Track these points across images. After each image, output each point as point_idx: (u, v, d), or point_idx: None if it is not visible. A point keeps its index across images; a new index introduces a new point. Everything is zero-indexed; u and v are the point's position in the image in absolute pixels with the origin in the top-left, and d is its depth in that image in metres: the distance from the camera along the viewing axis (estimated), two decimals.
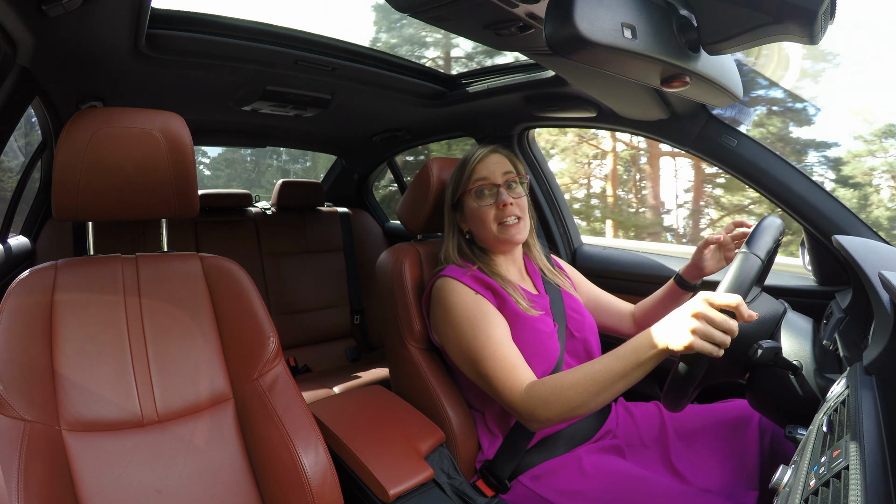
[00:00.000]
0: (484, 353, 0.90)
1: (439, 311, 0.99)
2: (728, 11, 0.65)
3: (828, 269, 1.11)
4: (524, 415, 0.85)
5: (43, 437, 0.73)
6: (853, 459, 0.41)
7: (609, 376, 0.76)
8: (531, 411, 0.83)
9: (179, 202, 0.92)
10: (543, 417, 0.82)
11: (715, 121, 1.18)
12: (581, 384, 0.79)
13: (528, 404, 0.83)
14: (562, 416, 0.81)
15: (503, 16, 0.80)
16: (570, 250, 1.67)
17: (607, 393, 0.77)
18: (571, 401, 0.79)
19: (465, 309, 0.95)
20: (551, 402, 0.81)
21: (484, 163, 1.03)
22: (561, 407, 0.80)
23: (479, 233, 1.04)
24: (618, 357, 0.76)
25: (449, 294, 0.97)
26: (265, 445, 0.85)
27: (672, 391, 0.75)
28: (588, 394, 0.78)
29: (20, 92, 1.05)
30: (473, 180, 1.02)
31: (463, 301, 0.96)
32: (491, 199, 1.01)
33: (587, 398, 0.78)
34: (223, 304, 0.95)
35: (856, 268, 0.75)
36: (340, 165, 2.50)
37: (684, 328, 0.68)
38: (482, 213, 1.01)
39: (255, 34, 1.16)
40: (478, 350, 0.91)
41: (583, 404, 0.79)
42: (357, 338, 2.30)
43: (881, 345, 0.58)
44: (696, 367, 0.70)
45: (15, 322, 0.78)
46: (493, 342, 0.90)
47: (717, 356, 0.68)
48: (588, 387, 0.78)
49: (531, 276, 1.11)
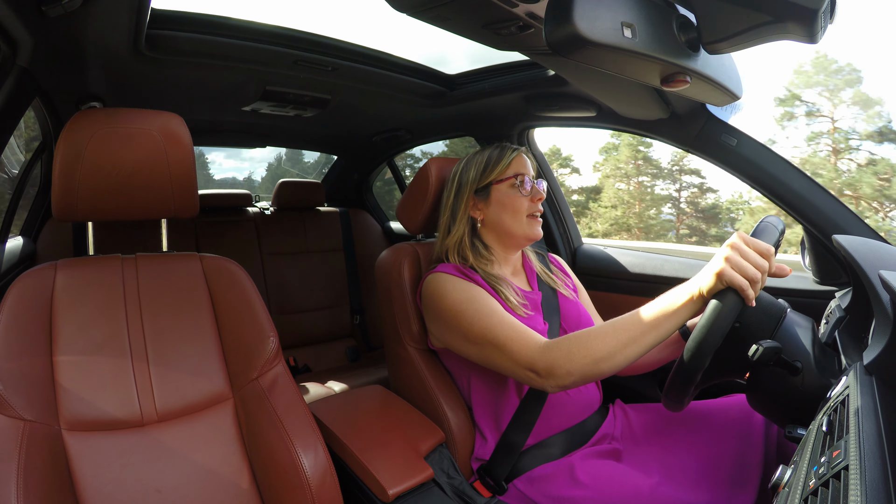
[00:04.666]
0: (489, 322, 0.88)
1: (434, 304, 0.98)
2: (728, 11, 0.64)
3: (828, 268, 1.11)
4: (542, 370, 0.79)
5: (42, 437, 0.74)
6: (853, 459, 0.41)
7: (639, 326, 0.74)
8: (550, 366, 0.78)
9: (179, 202, 0.92)
10: (563, 371, 0.77)
11: (715, 120, 1.18)
12: (609, 334, 0.75)
13: (548, 358, 0.79)
14: (585, 369, 0.76)
15: (503, 15, 0.80)
16: (570, 250, 1.66)
17: (636, 345, 0.74)
18: (597, 351, 0.75)
19: (459, 291, 0.95)
20: (574, 353, 0.77)
21: (521, 158, 1.06)
22: (584, 358, 0.76)
23: (504, 222, 1.03)
24: (648, 308, 0.75)
25: (441, 284, 0.98)
26: (265, 445, 0.85)
27: (672, 390, 0.75)
28: (616, 344, 0.74)
29: (20, 92, 1.05)
30: (514, 170, 1.03)
31: (455, 286, 0.96)
32: (527, 191, 1.03)
33: (614, 349, 0.74)
34: (223, 304, 0.95)
35: (856, 267, 0.75)
36: (340, 165, 2.50)
37: (717, 259, 0.70)
38: (519, 203, 1.02)
39: (255, 34, 1.16)
40: (481, 323, 0.89)
41: (609, 356, 0.75)
42: (357, 338, 2.30)
43: (881, 345, 0.58)
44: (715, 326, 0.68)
45: (15, 322, 0.78)
46: (497, 313, 0.90)
47: (746, 296, 0.68)
48: (616, 336, 0.75)
49: (527, 272, 1.11)
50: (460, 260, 1.04)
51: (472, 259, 1.03)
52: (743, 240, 0.71)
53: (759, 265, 0.69)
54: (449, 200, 1.08)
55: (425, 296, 1.01)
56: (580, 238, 1.69)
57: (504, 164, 1.04)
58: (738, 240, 0.71)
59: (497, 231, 1.05)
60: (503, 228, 1.04)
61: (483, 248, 1.06)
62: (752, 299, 0.69)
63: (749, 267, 0.68)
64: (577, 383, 0.79)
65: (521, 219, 1.02)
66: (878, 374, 0.57)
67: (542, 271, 1.12)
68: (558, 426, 0.97)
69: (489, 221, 1.05)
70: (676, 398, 0.75)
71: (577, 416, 0.99)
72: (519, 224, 1.03)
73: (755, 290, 0.69)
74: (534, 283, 1.09)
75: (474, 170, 1.06)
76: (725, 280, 0.69)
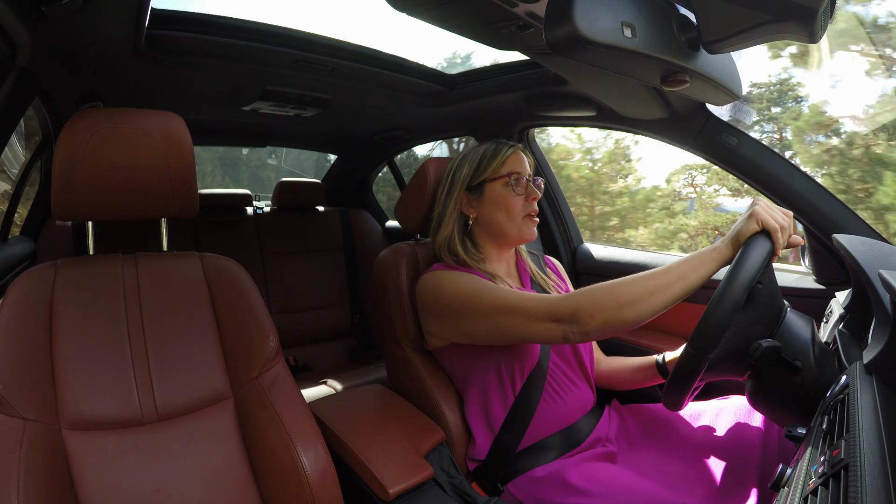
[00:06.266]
0: (496, 293, 0.89)
1: (431, 299, 0.98)
2: (728, 10, 0.64)
3: (828, 268, 1.11)
4: (566, 315, 0.79)
5: (43, 436, 0.74)
6: (853, 459, 0.41)
7: (666, 276, 0.76)
8: (574, 309, 0.78)
9: (179, 202, 0.92)
10: (588, 314, 0.77)
11: (715, 119, 1.18)
12: (635, 282, 0.76)
13: (571, 302, 0.79)
14: (610, 313, 0.76)
15: (503, 15, 0.80)
16: (570, 250, 1.66)
17: (663, 295, 0.75)
18: (623, 296, 0.75)
19: (457, 278, 0.95)
20: (599, 297, 0.77)
21: (517, 156, 1.04)
22: (610, 302, 0.76)
23: (498, 221, 1.02)
24: (677, 261, 0.78)
25: (436, 279, 0.98)
26: (265, 444, 0.85)
27: (672, 389, 0.74)
28: (642, 291, 0.75)
29: (20, 92, 1.05)
30: (509, 168, 1.02)
31: (451, 277, 0.96)
32: (522, 190, 1.02)
33: (640, 295, 0.75)
34: (223, 303, 0.95)
35: (856, 267, 0.75)
36: (340, 165, 2.50)
37: (748, 210, 0.76)
38: (513, 202, 1.01)
39: (254, 34, 1.16)
40: (488, 295, 0.89)
41: (634, 301, 0.75)
42: (357, 337, 2.30)
43: (881, 344, 0.58)
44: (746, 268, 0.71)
45: (15, 321, 0.78)
46: (500, 287, 0.91)
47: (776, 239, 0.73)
48: (643, 284, 0.76)
49: (520, 273, 1.11)
50: (452, 258, 1.03)
51: (464, 255, 1.02)
52: (765, 201, 0.77)
53: (785, 217, 0.75)
54: (442, 196, 1.07)
55: (421, 295, 1.01)
56: (580, 238, 1.69)
57: (498, 161, 1.03)
58: (762, 199, 0.77)
59: (490, 230, 1.04)
60: (496, 227, 1.03)
61: (472, 245, 1.05)
62: (781, 247, 0.74)
63: (778, 214, 0.74)
64: (600, 329, 0.78)
65: (515, 218, 1.01)
66: (878, 373, 0.57)
67: (535, 272, 1.12)
68: (552, 427, 0.97)
69: (482, 220, 1.04)
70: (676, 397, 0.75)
71: (571, 416, 0.99)
72: (513, 224, 1.02)
73: (783, 238, 0.74)
74: (527, 283, 1.09)
75: (468, 167, 1.05)
76: (760, 219, 0.74)
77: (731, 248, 0.77)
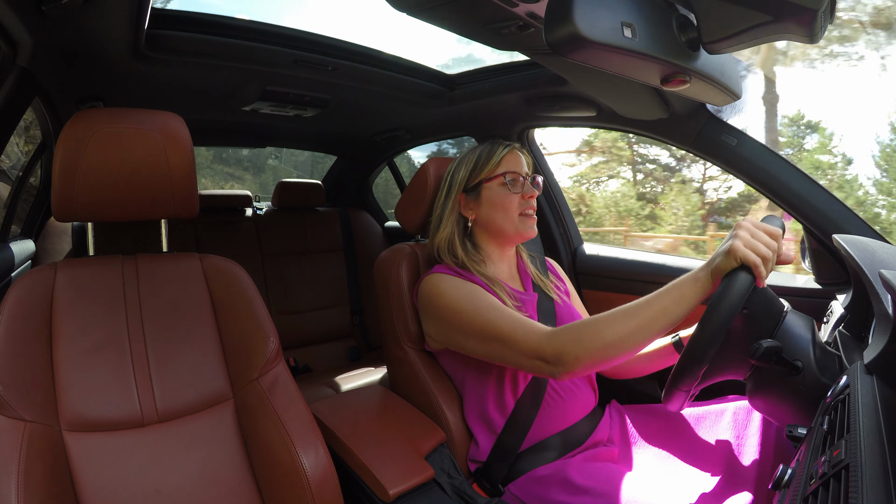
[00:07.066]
0: (491, 316, 0.88)
1: (432, 304, 0.98)
2: (728, 10, 0.64)
3: (828, 268, 1.11)
4: (551, 356, 0.79)
5: (43, 437, 0.73)
6: (853, 459, 0.41)
7: (648, 311, 0.74)
8: (559, 352, 0.78)
9: (179, 202, 0.92)
10: (573, 356, 0.77)
11: (715, 120, 1.18)
12: (618, 319, 0.75)
13: (556, 343, 0.78)
14: (595, 354, 0.76)
15: (503, 15, 0.80)
16: (571, 251, 1.66)
17: (646, 332, 0.74)
18: (606, 336, 0.75)
19: (457, 289, 0.95)
20: (584, 337, 0.76)
21: (514, 155, 1.04)
22: (595, 342, 0.75)
23: (495, 221, 1.03)
24: (658, 292, 0.75)
25: (438, 284, 0.97)
26: (265, 445, 0.85)
27: (673, 388, 0.74)
28: (626, 329, 0.74)
29: (20, 92, 1.05)
30: (504, 168, 1.03)
31: (452, 285, 0.96)
32: (518, 189, 1.02)
33: (625, 334, 0.74)
34: (223, 304, 0.95)
35: (856, 267, 0.75)
36: (340, 165, 2.50)
37: (728, 239, 0.71)
38: (509, 201, 1.01)
39: (254, 34, 1.16)
40: (483, 317, 0.89)
41: (620, 341, 0.74)
42: (357, 337, 2.30)
43: (881, 344, 0.58)
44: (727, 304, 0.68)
45: (15, 322, 0.78)
46: (497, 307, 0.90)
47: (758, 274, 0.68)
48: (626, 321, 0.75)
49: (521, 275, 1.11)
50: (452, 259, 1.03)
51: (464, 257, 1.02)
52: (751, 223, 0.72)
53: (770, 244, 0.69)
54: (440, 200, 1.08)
55: (422, 297, 1.01)
56: (580, 238, 1.68)
57: (493, 162, 1.03)
58: (747, 222, 0.72)
59: (489, 230, 1.05)
60: (495, 227, 1.04)
61: (472, 247, 1.05)
62: (764, 278, 0.69)
63: (760, 245, 0.69)
64: (586, 369, 0.78)
65: (512, 217, 1.02)
66: (879, 373, 0.57)
67: (535, 274, 1.11)
68: (553, 428, 0.97)
69: (481, 220, 1.05)
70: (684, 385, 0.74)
71: (571, 417, 0.99)
72: (510, 222, 1.02)
73: (767, 270, 0.69)
74: (528, 285, 1.09)
75: (464, 169, 1.06)
76: (739, 256, 0.69)
77: (710, 280, 0.73)
